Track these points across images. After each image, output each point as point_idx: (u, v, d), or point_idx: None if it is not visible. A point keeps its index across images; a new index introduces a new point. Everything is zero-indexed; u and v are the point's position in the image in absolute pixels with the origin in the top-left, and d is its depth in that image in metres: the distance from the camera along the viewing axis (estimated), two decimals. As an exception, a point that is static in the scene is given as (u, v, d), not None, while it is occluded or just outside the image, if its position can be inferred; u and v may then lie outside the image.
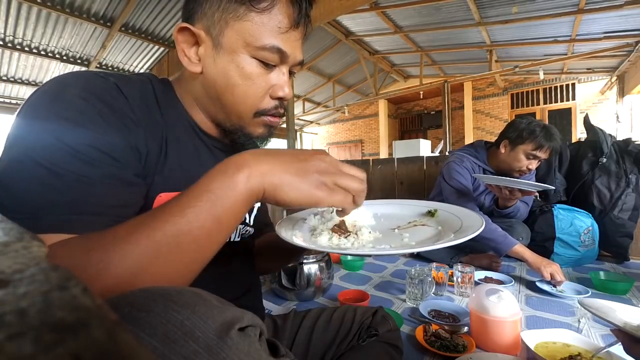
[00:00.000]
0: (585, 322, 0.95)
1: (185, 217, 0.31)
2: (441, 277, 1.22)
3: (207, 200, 0.32)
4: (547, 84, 6.85)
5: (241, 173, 0.34)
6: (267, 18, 0.44)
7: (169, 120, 0.47)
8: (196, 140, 0.51)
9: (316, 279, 1.18)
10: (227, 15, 0.44)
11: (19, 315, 0.09)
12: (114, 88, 0.40)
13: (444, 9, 4.39)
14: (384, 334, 0.66)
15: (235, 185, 0.33)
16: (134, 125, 0.41)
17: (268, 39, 0.44)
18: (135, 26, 4.22)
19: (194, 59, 0.47)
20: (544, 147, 1.41)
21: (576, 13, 3.94)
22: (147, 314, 0.23)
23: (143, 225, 0.31)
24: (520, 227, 1.56)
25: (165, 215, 0.32)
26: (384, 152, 8.99)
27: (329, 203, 0.37)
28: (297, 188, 0.35)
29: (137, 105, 0.42)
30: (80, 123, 0.36)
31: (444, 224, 0.53)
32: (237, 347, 0.24)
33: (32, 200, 0.33)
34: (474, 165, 1.59)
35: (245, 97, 0.47)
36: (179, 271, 0.32)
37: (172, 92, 0.51)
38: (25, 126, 0.35)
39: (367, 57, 6.39)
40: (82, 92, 0.37)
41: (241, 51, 0.45)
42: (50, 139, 0.34)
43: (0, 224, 0.16)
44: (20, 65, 4.63)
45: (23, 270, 0.11)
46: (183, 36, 0.46)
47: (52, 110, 0.35)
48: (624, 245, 1.62)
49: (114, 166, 0.37)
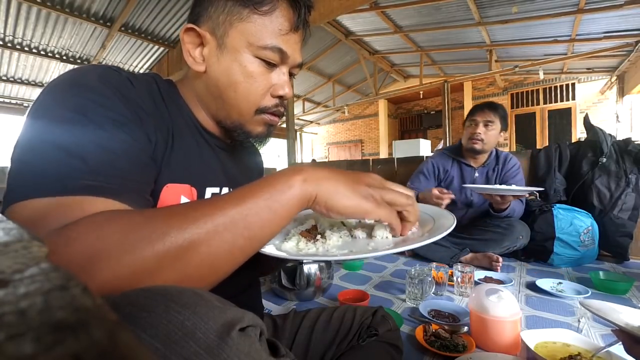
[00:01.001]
0: (585, 322, 0.95)
1: (245, 204, 0.34)
2: (441, 277, 1.22)
3: (267, 192, 0.35)
4: (547, 84, 6.86)
5: (299, 176, 0.37)
6: (268, 20, 0.46)
7: (174, 116, 0.49)
8: (198, 138, 0.53)
9: (316, 279, 1.18)
10: (232, 17, 0.46)
11: (19, 315, 0.09)
12: (127, 80, 0.42)
13: (444, 8, 4.39)
14: (383, 333, 0.66)
15: (292, 184, 0.36)
16: (146, 115, 0.42)
17: (270, 39, 0.47)
18: (135, 26, 4.22)
19: (198, 59, 0.49)
20: (475, 112, 1.66)
21: (576, 13, 3.94)
22: (149, 314, 0.23)
23: (203, 206, 0.33)
24: (520, 226, 1.56)
25: (225, 202, 0.34)
26: (384, 152, 9.00)
27: (376, 215, 0.39)
28: (348, 197, 0.38)
29: (146, 99, 0.44)
30: (101, 102, 0.37)
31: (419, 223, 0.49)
32: (238, 347, 0.24)
33: (57, 170, 0.33)
34: (444, 156, 1.81)
35: (247, 94, 0.49)
36: (225, 257, 0.33)
37: (176, 92, 0.53)
38: (46, 105, 0.36)
39: (367, 57, 6.39)
40: (100, 78, 0.39)
41: (244, 51, 0.47)
42: (73, 114, 0.35)
43: (0, 224, 0.16)
44: (20, 65, 4.63)
45: (23, 270, 0.11)
46: (189, 37, 0.49)
47: (73, 91, 0.37)
48: (623, 245, 1.62)
49: (133, 145, 0.39)
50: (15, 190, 0.33)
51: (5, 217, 0.30)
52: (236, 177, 0.59)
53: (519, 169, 1.70)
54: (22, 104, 5.80)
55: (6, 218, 0.30)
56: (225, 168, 0.57)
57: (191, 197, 0.48)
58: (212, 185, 0.52)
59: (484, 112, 1.63)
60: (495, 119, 1.63)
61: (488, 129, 1.62)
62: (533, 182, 2.01)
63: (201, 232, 0.31)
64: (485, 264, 1.51)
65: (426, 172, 1.78)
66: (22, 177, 0.34)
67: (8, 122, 6.70)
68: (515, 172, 1.69)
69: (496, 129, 1.64)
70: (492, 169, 1.74)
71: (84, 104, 0.36)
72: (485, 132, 1.62)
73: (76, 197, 0.33)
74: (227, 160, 0.59)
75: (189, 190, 0.47)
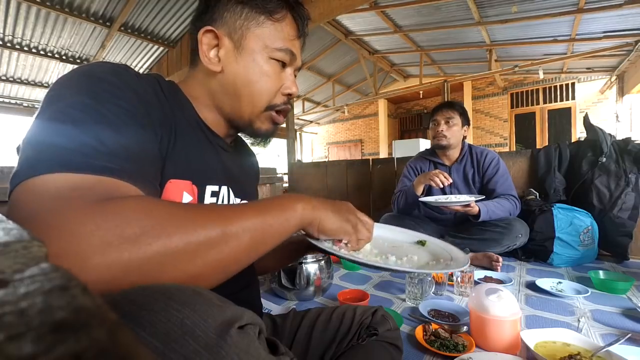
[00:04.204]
0: (584, 321, 0.96)
1: (265, 216, 0.38)
2: (441, 277, 1.22)
3: (279, 211, 0.40)
4: (547, 84, 6.85)
5: (301, 203, 0.44)
6: (280, 27, 0.53)
7: (176, 114, 0.50)
8: (201, 136, 0.54)
9: (316, 279, 1.18)
10: (249, 22, 0.52)
11: (19, 315, 0.09)
12: (135, 77, 0.44)
13: (444, 8, 4.38)
14: (383, 333, 0.66)
15: (296, 209, 0.43)
16: (152, 110, 0.44)
17: (283, 42, 0.53)
18: (134, 26, 4.21)
19: (213, 60, 0.53)
20: (435, 113, 1.79)
21: (576, 12, 3.94)
22: (148, 313, 0.23)
23: (233, 209, 0.37)
24: (519, 224, 1.56)
25: (249, 210, 0.38)
26: (384, 152, 8.99)
27: (352, 236, 0.50)
28: (335, 221, 0.47)
29: (152, 95, 0.45)
30: (114, 93, 0.38)
31: (434, 254, 0.61)
32: (237, 345, 0.25)
33: (80, 149, 0.33)
34: (420, 158, 1.93)
35: (262, 92, 0.54)
36: (245, 254, 0.36)
37: (178, 90, 0.54)
38: (62, 93, 0.37)
39: (367, 57, 6.38)
40: (112, 72, 0.41)
41: (261, 52, 0.53)
42: (89, 100, 0.36)
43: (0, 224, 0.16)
44: (19, 65, 4.62)
45: (23, 270, 0.11)
46: (207, 38, 0.52)
47: (88, 81, 0.38)
48: (623, 245, 1.62)
49: (144, 136, 0.41)
50: (36, 165, 0.31)
51: (22, 190, 0.30)
52: (235, 177, 0.59)
53: (498, 162, 1.70)
54: (21, 104, 5.80)
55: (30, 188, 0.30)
56: (225, 167, 0.57)
57: (192, 193, 0.48)
58: (212, 183, 0.52)
59: (443, 111, 1.76)
60: (454, 115, 1.74)
61: (449, 126, 1.73)
62: (533, 181, 2.01)
63: (233, 229, 0.35)
64: (485, 263, 1.51)
65: (408, 175, 1.90)
66: (45, 153, 0.32)
67: (8, 122, 6.70)
68: (495, 167, 1.69)
69: (457, 124, 1.73)
70: (470, 165, 1.76)
71: (99, 93, 0.37)
72: (447, 128, 1.73)
73: (104, 177, 0.33)
74: (227, 160, 0.59)
75: (190, 186, 0.48)
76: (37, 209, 0.29)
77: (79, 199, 0.29)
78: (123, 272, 0.27)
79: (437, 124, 1.76)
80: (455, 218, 1.78)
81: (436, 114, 1.78)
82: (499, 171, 1.68)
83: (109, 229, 0.27)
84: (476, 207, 1.51)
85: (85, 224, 0.27)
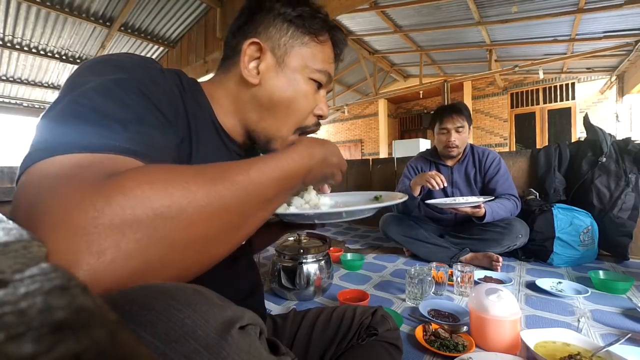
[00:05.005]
0: (584, 321, 0.96)
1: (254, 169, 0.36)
2: (441, 277, 1.22)
3: (272, 158, 0.39)
4: (547, 84, 6.86)
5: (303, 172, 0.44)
6: (321, 48, 0.54)
7: (196, 113, 0.49)
8: (217, 139, 0.53)
9: (316, 279, 1.18)
10: (294, 41, 0.52)
11: (19, 315, 0.09)
12: (160, 71, 0.43)
13: (444, 8, 4.38)
14: (383, 333, 0.66)
15: (299, 180, 0.43)
16: (174, 105, 0.43)
17: (322, 64, 0.54)
18: (134, 26, 4.22)
19: (252, 72, 0.52)
20: (444, 120, 1.70)
21: (576, 12, 3.94)
22: (149, 312, 0.23)
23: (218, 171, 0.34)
24: (519, 224, 1.56)
25: (235, 167, 0.35)
26: (384, 152, 8.99)
27: (339, 179, 0.54)
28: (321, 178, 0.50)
29: (174, 91, 0.45)
30: (138, 83, 0.38)
31: (380, 201, 0.65)
32: (238, 345, 0.25)
33: (99, 131, 0.32)
34: (421, 158, 1.92)
35: (298, 110, 0.54)
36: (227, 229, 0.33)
37: (199, 90, 0.53)
38: (85, 78, 0.36)
39: (367, 57, 6.38)
40: (138, 63, 0.41)
41: (301, 71, 0.53)
42: (113, 85, 0.35)
43: (0, 224, 0.16)
44: (19, 65, 4.63)
45: (23, 270, 0.11)
46: (251, 50, 0.52)
47: (112, 69, 0.38)
48: (623, 245, 1.62)
49: (167, 126, 0.40)
50: (53, 146, 0.30)
51: (34, 172, 0.29)
52: None
53: (499, 162, 1.70)
54: (21, 104, 5.80)
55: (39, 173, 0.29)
56: None
57: None
58: None
59: (453, 118, 1.68)
60: (464, 122, 1.69)
61: (460, 134, 1.69)
62: (533, 181, 2.01)
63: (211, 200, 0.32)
64: (485, 263, 1.51)
65: (409, 175, 1.88)
66: (62, 135, 0.32)
67: (8, 122, 6.70)
68: (496, 167, 1.68)
69: (466, 130, 1.70)
70: (472, 165, 1.75)
71: (123, 80, 0.37)
72: (459, 137, 1.69)
73: (119, 156, 0.32)
74: None
75: None
76: (37, 191, 0.27)
77: (88, 175, 0.28)
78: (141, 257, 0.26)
79: (447, 132, 1.70)
80: (455, 218, 1.78)
81: (446, 120, 1.69)
82: (500, 171, 1.68)
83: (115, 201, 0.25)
84: (484, 208, 1.49)
85: (87, 210, 0.25)
